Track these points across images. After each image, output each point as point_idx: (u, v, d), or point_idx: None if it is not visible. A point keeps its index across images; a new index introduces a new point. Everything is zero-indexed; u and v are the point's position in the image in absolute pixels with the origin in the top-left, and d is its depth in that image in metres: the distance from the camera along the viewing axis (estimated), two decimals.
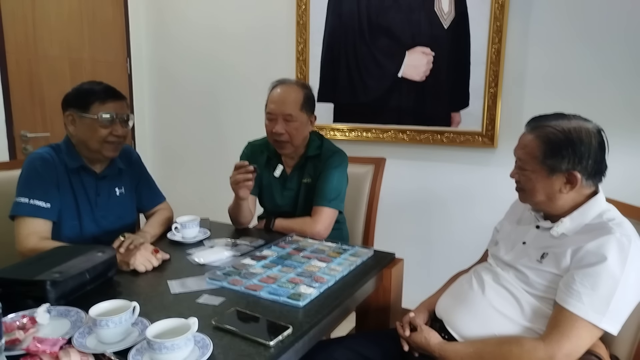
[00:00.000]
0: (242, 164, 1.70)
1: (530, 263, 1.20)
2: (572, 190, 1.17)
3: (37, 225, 1.50)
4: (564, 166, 1.15)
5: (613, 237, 1.08)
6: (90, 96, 1.56)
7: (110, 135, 1.58)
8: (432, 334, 1.25)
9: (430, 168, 2.56)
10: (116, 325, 0.97)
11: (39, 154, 1.58)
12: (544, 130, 1.17)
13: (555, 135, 1.15)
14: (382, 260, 1.56)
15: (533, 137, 1.19)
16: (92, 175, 1.65)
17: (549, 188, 1.18)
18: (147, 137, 3.50)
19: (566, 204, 1.19)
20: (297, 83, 1.84)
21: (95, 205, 1.65)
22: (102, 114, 1.55)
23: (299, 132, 1.79)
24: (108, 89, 1.61)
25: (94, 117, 1.55)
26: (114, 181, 1.71)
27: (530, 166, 1.20)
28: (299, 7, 2.73)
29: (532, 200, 1.24)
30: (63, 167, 1.59)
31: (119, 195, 1.72)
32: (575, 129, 1.15)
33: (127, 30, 3.24)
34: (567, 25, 2.16)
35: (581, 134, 1.14)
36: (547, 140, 1.16)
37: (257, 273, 1.37)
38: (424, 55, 2.45)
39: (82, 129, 1.57)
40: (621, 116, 2.08)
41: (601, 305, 1.05)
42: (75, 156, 1.61)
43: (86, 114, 1.55)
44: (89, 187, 1.64)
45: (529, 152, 1.19)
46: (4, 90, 2.55)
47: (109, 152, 1.61)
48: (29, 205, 1.50)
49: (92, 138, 1.57)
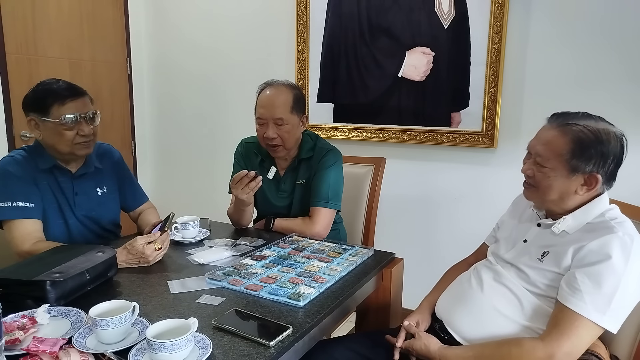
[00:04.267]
0: (242, 175, 1.66)
1: (530, 262, 1.19)
2: (588, 192, 1.15)
3: (28, 226, 1.48)
4: (588, 168, 1.12)
5: (616, 236, 1.08)
6: (48, 98, 1.47)
7: (77, 136, 1.51)
8: (431, 340, 1.24)
9: (430, 168, 2.56)
10: (116, 325, 0.97)
11: (10, 157, 1.54)
12: (573, 128, 1.14)
13: (585, 135, 1.12)
14: (382, 260, 1.56)
15: (559, 134, 1.15)
16: (67, 174, 1.60)
17: (565, 188, 1.16)
18: (147, 137, 3.50)
19: (573, 205, 1.18)
20: (286, 84, 1.79)
21: (74, 204, 1.61)
22: (64, 116, 1.47)
23: (291, 135, 1.76)
24: (67, 86, 1.52)
25: (56, 121, 1.47)
26: (93, 180, 1.67)
27: (551, 164, 1.15)
28: (298, 7, 2.73)
29: (543, 198, 1.21)
30: (35, 168, 1.54)
31: (100, 194, 1.68)
32: (604, 130, 1.13)
33: (127, 30, 3.24)
34: (567, 25, 2.16)
35: (609, 137, 1.12)
36: (577, 139, 1.12)
37: (257, 273, 1.37)
38: (424, 55, 2.45)
39: (47, 134, 1.50)
40: (621, 116, 2.06)
41: (603, 304, 1.05)
42: (47, 157, 1.56)
43: (47, 117, 1.47)
44: (65, 187, 1.59)
45: (553, 149, 1.15)
46: (4, 90, 2.56)
47: (81, 151, 1.56)
48: (12, 208, 1.47)
49: (59, 142, 1.50)
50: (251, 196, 1.72)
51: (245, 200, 1.71)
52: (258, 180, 1.66)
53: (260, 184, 1.68)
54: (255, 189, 1.68)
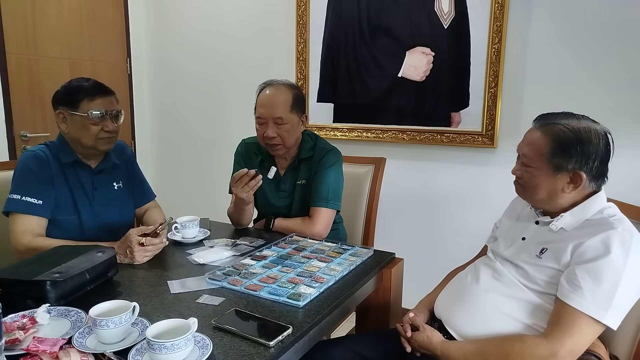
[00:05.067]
0: (242, 173, 1.66)
1: (529, 259, 1.19)
2: (575, 190, 1.17)
3: (31, 222, 1.52)
4: (570, 165, 1.14)
5: (615, 232, 1.08)
6: (79, 93, 1.56)
7: (102, 131, 1.59)
8: (435, 333, 1.24)
9: (430, 168, 2.56)
10: (116, 325, 0.97)
11: (33, 152, 1.59)
12: (554, 127, 1.16)
13: (565, 133, 1.14)
14: (382, 260, 1.56)
15: (541, 134, 1.18)
16: (88, 169, 1.66)
17: (551, 186, 1.18)
18: (147, 137, 3.50)
19: (566, 203, 1.19)
20: (285, 84, 1.80)
21: (93, 199, 1.65)
22: (91, 111, 1.55)
23: (290, 134, 1.77)
24: (96, 85, 1.61)
25: (84, 115, 1.55)
26: (111, 176, 1.73)
27: (535, 163, 1.18)
28: (298, 7, 2.73)
29: (533, 198, 1.23)
30: (57, 163, 1.60)
31: (117, 189, 1.74)
32: (585, 128, 1.14)
33: (127, 30, 3.24)
34: (567, 25, 2.16)
35: (590, 135, 1.13)
36: (556, 137, 1.15)
37: (257, 273, 1.37)
38: (424, 55, 2.45)
39: (74, 127, 1.58)
40: (621, 116, 2.08)
41: (604, 301, 1.05)
42: (69, 151, 1.62)
43: (76, 111, 1.56)
44: (85, 182, 1.65)
45: (535, 149, 1.18)
46: (4, 90, 2.56)
47: (104, 146, 1.63)
48: (21, 202, 1.52)
49: (84, 135, 1.58)
50: (251, 195, 1.72)
51: (245, 199, 1.71)
52: (258, 178, 1.67)
53: (261, 182, 1.68)
54: (256, 188, 1.69)
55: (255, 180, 1.67)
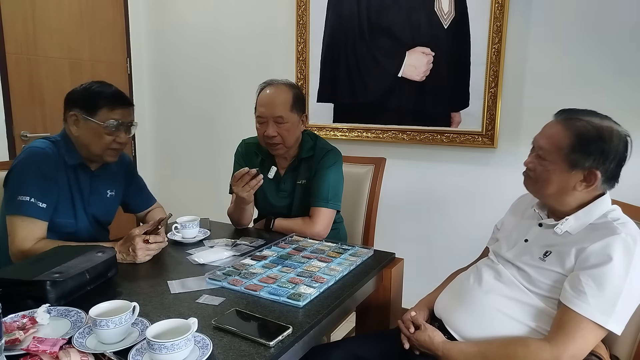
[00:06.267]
0: (243, 172, 1.66)
1: (532, 261, 1.19)
2: (587, 189, 1.16)
3: (36, 227, 1.47)
4: (587, 163, 1.13)
5: (618, 238, 1.08)
6: (100, 100, 1.52)
7: (114, 142, 1.56)
8: (436, 333, 1.23)
9: (430, 168, 2.56)
10: (116, 325, 0.97)
11: (42, 150, 1.53)
12: (576, 123, 1.15)
13: (587, 130, 1.13)
14: (382, 260, 1.56)
15: (562, 128, 1.16)
16: (88, 172, 1.64)
17: (564, 182, 1.16)
18: (146, 137, 3.50)
19: (574, 202, 1.18)
20: (286, 83, 1.80)
21: (87, 203, 1.64)
22: (109, 121, 1.52)
23: (290, 134, 1.77)
24: (118, 94, 1.57)
25: (101, 123, 1.52)
26: (107, 182, 1.71)
27: (551, 157, 1.16)
28: (298, 7, 2.73)
29: (541, 192, 1.22)
30: (62, 162, 1.56)
31: (108, 197, 1.72)
32: (607, 128, 1.13)
33: (127, 30, 3.24)
34: (567, 25, 2.16)
35: (612, 135, 1.13)
36: (578, 133, 1.13)
37: (257, 273, 1.37)
38: (424, 55, 2.45)
39: (86, 132, 1.54)
40: (621, 117, 2.06)
41: (608, 306, 1.05)
42: (74, 154, 1.58)
43: (92, 117, 1.52)
44: (83, 184, 1.63)
45: (554, 142, 1.16)
46: (4, 90, 2.56)
47: (110, 158, 1.61)
48: (29, 205, 1.46)
49: (95, 143, 1.54)
50: (251, 194, 1.72)
51: (246, 198, 1.71)
52: (259, 178, 1.67)
53: (261, 182, 1.68)
54: (256, 187, 1.69)
55: (256, 180, 1.67)
